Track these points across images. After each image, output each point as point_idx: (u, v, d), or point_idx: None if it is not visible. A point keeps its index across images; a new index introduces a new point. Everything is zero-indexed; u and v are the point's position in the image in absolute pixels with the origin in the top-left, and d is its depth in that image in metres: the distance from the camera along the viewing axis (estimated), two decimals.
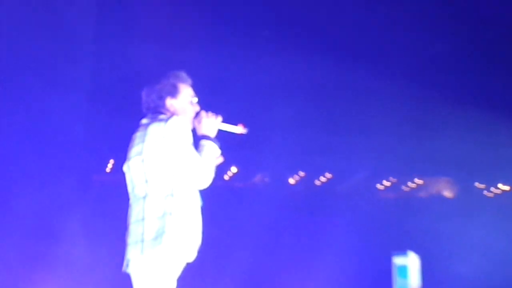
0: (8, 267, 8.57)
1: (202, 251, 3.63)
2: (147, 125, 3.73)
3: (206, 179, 3.65)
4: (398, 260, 6.38)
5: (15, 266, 8.63)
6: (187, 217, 3.58)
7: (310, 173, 13.06)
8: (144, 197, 3.60)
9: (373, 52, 9.63)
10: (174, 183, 3.60)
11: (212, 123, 3.82)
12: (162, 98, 3.80)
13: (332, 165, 12.64)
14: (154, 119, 3.73)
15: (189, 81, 3.90)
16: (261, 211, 11.38)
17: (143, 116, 3.83)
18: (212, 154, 3.72)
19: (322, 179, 13.17)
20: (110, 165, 11.77)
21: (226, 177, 12.69)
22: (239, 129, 3.86)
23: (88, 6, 8.69)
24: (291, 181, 13.14)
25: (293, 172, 13.04)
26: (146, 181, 3.61)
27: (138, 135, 3.75)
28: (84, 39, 8.85)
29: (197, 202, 3.70)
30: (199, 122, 3.83)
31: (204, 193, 3.71)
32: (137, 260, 3.55)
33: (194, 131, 3.81)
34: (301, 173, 13.07)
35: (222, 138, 3.82)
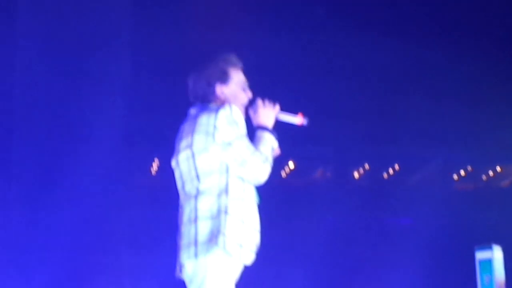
0: (55, 275, 8.71)
1: (260, 254, 3.54)
2: (196, 115, 3.66)
3: (264, 174, 3.56)
4: (481, 255, 6.31)
5: (61, 274, 8.77)
6: (244, 216, 3.51)
7: (376, 165, 12.92)
8: (196, 195, 3.53)
9: (442, 33, 9.51)
10: (229, 179, 3.52)
11: (270, 113, 3.74)
12: (211, 85, 3.72)
13: (400, 156, 12.47)
14: (203, 109, 3.67)
15: (240, 64, 3.83)
16: (322, 209, 11.50)
17: (190, 106, 3.76)
18: (270, 146, 3.64)
19: (390, 171, 13.04)
20: (155, 166, 11.81)
21: (283, 174, 12.60)
22: (298, 120, 3.76)
23: None
24: (356, 175, 13.03)
25: (358, 165, 12.92)
26: (198, 177, 3.55)
27: (186, 126, 3.69)
28: (123, 32, 8.96)
29: (254, 200, 3.62)
30: (255, 111, 3.75)
31: (259, 192, 3.61)
32: (191, 265, 3.48)
33: (247, 121, 3.72)
34: (366, 166, 12.96)
35: (279, 129, 3.73)
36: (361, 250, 11.43)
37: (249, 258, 3.50)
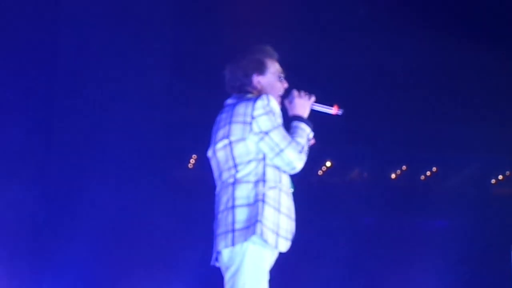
0: (90, 267, 8.84)
1: (293, 250, 3.63)
2: (234, 105, 3.76)
3: (300, 163, 3.66)
4: None
5: (95, 266, 8.90)
6: (281, 204, 3.59)
7: (414, 167, 12.86)
8: (234, 183, 3.63)
9: (481, 29, 9.40)
10: (266, 168, 3.62)
11: (305, 103, 3.84)
12: (248, 76, 3.83)
13: (439, 159, 12.49)
14: (241, 99, 3.77)
15: (276, 55, 3.93)
16: (359, 209, 11.45)
17: (227, 97, 3.87)
18: (306, 136, 3.73)
19: (428, 173, 12.95)
20: (192, 161, 11.90)
21: (320, 172, 12.53)
22: (334, 110, 3.84)
23: None
24: (393, 176, 12.95)
25: (395, 167, 12.88)
26: (235, 166, 3.64)
27: (223, 116, 3.78)
28: (161, 31, 9.09)
29: (289, 188, 3.70)
30: (291, 101, 3.84)
31: (296, 190, 3.72)
32: (228, 252, 3.57)
33: (283, 111, 3.82)
34: (404, 167, 12.89)
35: (316, 126, 3.82)
36: (396, 251, 11.34)
37: (285, 245, 3.58)
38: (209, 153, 3.82)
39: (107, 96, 9.12)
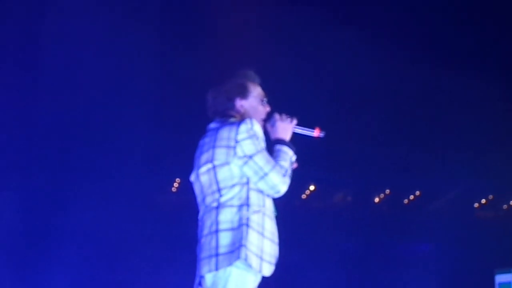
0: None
1: (277, 273, 3.59)
2: (217, 129, 3.73)
3: (283, 187, 3.63)
4: (501, 278, 6.59)
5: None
6: (265, 228, 3.57)
7: (398, 191, 13.07)
8: (217, 207, 3.58)
9: (462, 56, 9.54)
10: (249, 192, 3.59)
11: (287, 126, 3.82)
12: (231, 100, 3.80)
13: (422, 183, 12.63)
14: (224, 123, 3.74)
15: (258, 79, 3.92)
16: (342, 233, 11.58)
17: (209, 121, 3.85)
18: (289, 159, 3.71)
19: (411, 197, 13.16)
20: (176, 184, 11.97)
21: (303, 196, 12.60)
22: (316, 133, 3.82)
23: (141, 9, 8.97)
24: (376, 200, 13.16)
25: (379, 191, 13.06)
26: (219, 190, 3.60)
27: (206, 140, 3.74)
28: (145, 54, 9.07)
29: (273, 212, 3.68)
30: (273, 125, 3.84)
31: (280, 213, 3.68)
32: (212, 277, 3.53)
33: (265, 134, 3.78)
34: (387, 191, 13.09)
35: (300, 150, 3.78)
36: (380, 275, 11.40)
37: (269, 270, 3.56)
38: (192, 178, 3.77)
39: (91, 115, 9.14)
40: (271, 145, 3.76)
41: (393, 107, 10.29)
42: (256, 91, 3.85)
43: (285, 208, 3.86)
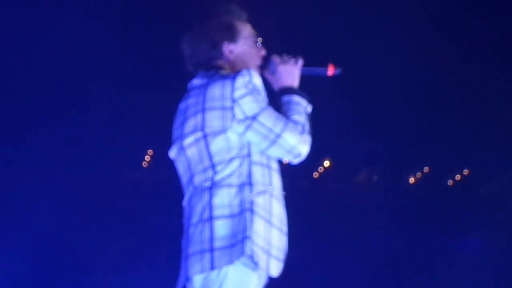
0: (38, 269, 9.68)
1: (286, 266, 3.52)
2: (204, 86, 3.63)
3: (304, 147, 3.54)
4: None
5: (47, 268, 9.80)
6: (272, 213, 3.51)
7: (439, 168, 13.19)
8: (211, 188, 3.50)
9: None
10: (252, 167, 3.54)
11: (292, 69, 3.77)
12: (217, 45, 3.71)
13: (471, 158, 12.67)
14: (213, 77, 3.63)
15: (245, 15, 3.83)
16: (366, 223, 11.68)
17: (190, 77, 3.74)
18: (303, 111, 3.66)
19: (457, 177, 13.36)
20: (147, 158, 12.21)
21: (315, 174, 12.85)
22: (329, 71, 3.79)
23: None
24: (411, 180, 13.14)
25: (415, 168, 13.16)
26: (213, 166, 3.52)
27: (191, 102, 3.64)
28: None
29: (281, 192, 3.62)
30: (273, 71, 3.76)
31: (287, 194, 3.64)
32: (202, 279, 3.45)
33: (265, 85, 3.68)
34: (426, 169, 13.20)
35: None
36: (414, 277, 11.29)
37: (277, 268, 3.47)
38: (173, 153, 3.69)
39: (44, 87, 9.78)
40: (275, 97, 3.71)
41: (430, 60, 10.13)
42: (246, 31, 3.80)
43: (291, 189, 3.81)
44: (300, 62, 3.77)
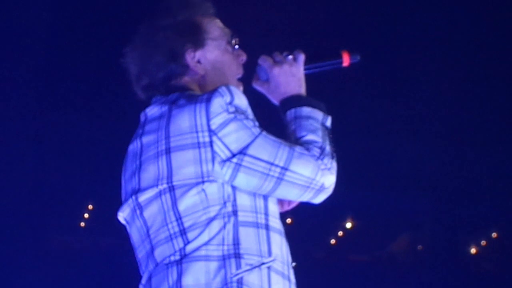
0: None
1: None
2: (165, 117, 3.39)
3: (328, 176, 3.38)
4: None
5: None
6: None
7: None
8: (179, 263, 3.32)
9: None
10: (239, 229, 3.43)
11: (293, 70, 3.59)
12: (176, 55, 3.50)
13: None
14: (176, 102, 3.39)
15: (211, 8, 3.63)
16: None
17: (141, 107, 3.49)
18: (320, 126, 3.52)
19: None
20: (86, 215, 12.22)
21: (332, 241, 13.01)
22: (345, 60, 3.63)
23: None
24: (472, 250, 12.99)
25: (478, 234, 12.99)
26: (183, 232, 3.36)
27: (148, 141, 3.43)
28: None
29: (287, 262, 3.44)
30: (265, 78, 3.60)
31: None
32: None
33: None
34: (494, 234, 12.98)
35: None
36: None
37: None
38: (124, 214, 3.41)
39: None
40: (278, 114, 3.52)
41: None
42: (215, 30, 3.62)
43: (303, 259, 3.85)
44: (301, 58, 3.62)
